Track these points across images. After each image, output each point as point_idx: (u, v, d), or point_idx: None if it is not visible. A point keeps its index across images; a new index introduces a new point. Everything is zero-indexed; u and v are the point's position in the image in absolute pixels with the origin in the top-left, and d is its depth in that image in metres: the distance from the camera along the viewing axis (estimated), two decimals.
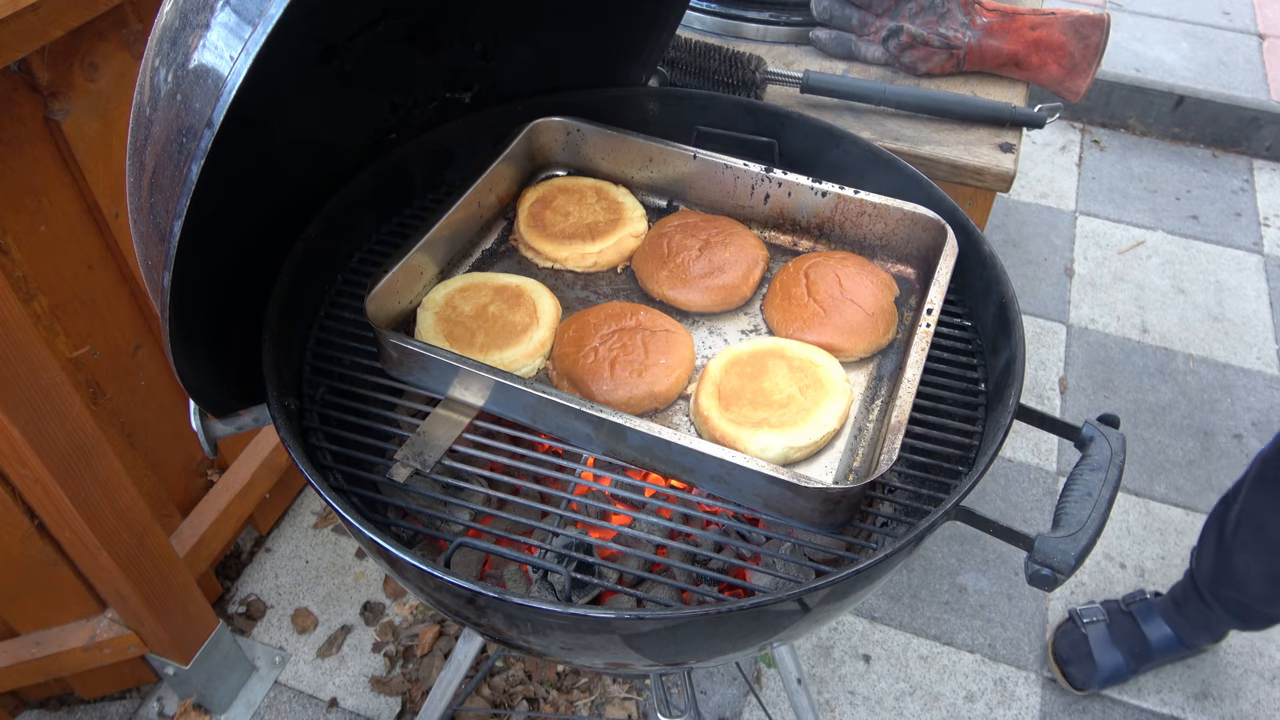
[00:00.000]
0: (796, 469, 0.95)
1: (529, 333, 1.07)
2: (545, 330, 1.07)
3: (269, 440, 2.02)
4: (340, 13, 1.00)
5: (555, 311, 1.10)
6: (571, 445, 0.97)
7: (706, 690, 1.98)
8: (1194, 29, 4.06)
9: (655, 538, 0.99)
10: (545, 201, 1.23)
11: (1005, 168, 1.43)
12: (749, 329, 1.15)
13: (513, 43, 1.24)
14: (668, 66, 1.54)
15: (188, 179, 0.70)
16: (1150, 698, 2.03)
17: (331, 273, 1.16)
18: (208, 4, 0.69)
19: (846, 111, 1.54)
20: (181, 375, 0.86)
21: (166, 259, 0.73)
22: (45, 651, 1.69)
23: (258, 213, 1.05)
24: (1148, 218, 3.33)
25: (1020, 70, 1.61)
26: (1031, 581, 0.83)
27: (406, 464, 0.95)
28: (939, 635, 2.12)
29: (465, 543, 0.89)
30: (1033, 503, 2.40)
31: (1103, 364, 2.78)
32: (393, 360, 1.02)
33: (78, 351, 1.51)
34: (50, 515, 1.46)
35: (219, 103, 0.68)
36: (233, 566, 2.17)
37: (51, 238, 1.41)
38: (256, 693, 1.96)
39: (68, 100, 1.35)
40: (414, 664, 2.00)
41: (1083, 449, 0.93)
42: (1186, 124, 3.68)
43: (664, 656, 0.94)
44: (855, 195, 1.17)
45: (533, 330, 1.07)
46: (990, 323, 1.08)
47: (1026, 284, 3.04)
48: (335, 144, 1.14)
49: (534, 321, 1.08)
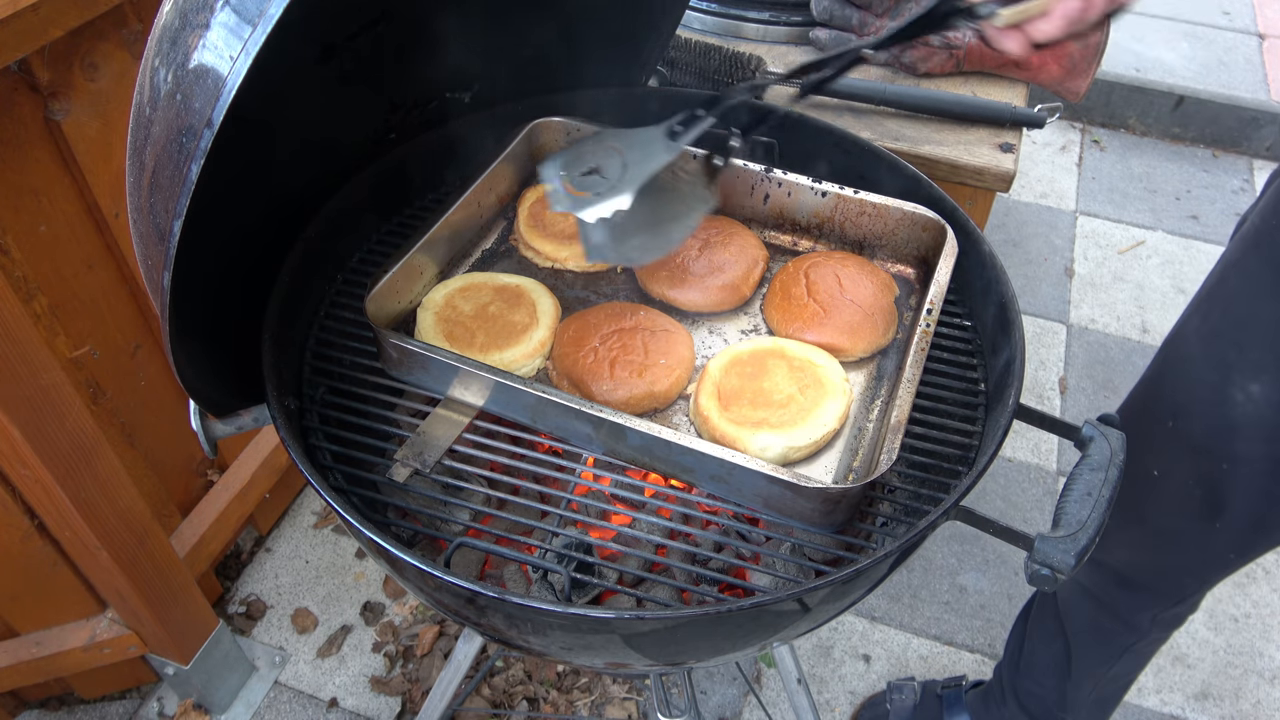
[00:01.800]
0: (796, 469, 0.95)
1: (529, 333, 1.07)
2: (545, 330, 1.07)
3: (269, 440, 2.02)
4: (340, 13, 1.00)
5: (555, 311, 1.10)
6: (571, 445, 0.97)
7: (706, 690, 1.98)
8: (1194, 29, 4.06)
9: (655, 538, 0.99)
10: (545, 201, 1.23)
11: (1005, 168, 1.43)
12: (749, 329, 1.15)
13: (513, 43, 1.24)
14: (668, 66, 1.54)
15: (188, 179, 0.70)
16: (1150, 698, 2.03)
17: (331, 273, 1.16)
18: (207, 4, 0.69)
19: (846, 111, 1.54)
20: (181, 375, 0.86)
21: (166, 259, 0.73)
22: (45, 651, 1.69)
23: (258, 212, 1.05)
24: (1148, 218, 3.33)
25: (1020, 70, 1.61)
26: (1031, 581, 0.83)
27: (406, 464, 0.95)
28: (939, 635, 2.12)
29: (465, 543, 0.89)
30: (1033, 503, 2.40)
31: (1103, 364, 2.78)
32: (393, 360, 1.02)
33: (78, 351, 1.51)
34: (50, 515, 1.46)
35: (219, 103, 0.68)
36: (233, 566, 2.18)
37: (51, 238, 1.41)
38: (256, 693, 1.96)
39: (68, 100, 1.35)
40: (414, 664, 2.00)
41: (1083, 449, 0.93)
42: (1186, 124, 3.68)
43: (664, 656, 0.94)
44: (855, 195, 1.17)
45: (533, 330, 1.07)
46: (990, 323, 1.08)
47: (1026, 284, 3.04)
48: (335, 144, 1.14)
49: (534, 321, 1.08)
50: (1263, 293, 1.11)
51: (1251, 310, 1.12)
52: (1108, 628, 1.48)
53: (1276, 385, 1.09)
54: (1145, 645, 1.50)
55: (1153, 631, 1.47)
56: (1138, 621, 1.45)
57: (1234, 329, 1.15)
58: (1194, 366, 1.21)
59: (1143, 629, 1.46)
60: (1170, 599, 1.41)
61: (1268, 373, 1.10)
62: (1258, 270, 1.12)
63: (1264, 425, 1.12)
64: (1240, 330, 1.14)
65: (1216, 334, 1.17)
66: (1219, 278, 1.21)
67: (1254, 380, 1.11)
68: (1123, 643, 1.49)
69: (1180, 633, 2.14)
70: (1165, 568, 1.37)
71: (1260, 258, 1.11)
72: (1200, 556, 1.32)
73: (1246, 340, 1.13)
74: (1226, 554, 1.29)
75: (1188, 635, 2.15)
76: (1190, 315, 1.25)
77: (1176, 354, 1.27)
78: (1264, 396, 1.11)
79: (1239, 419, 1.14)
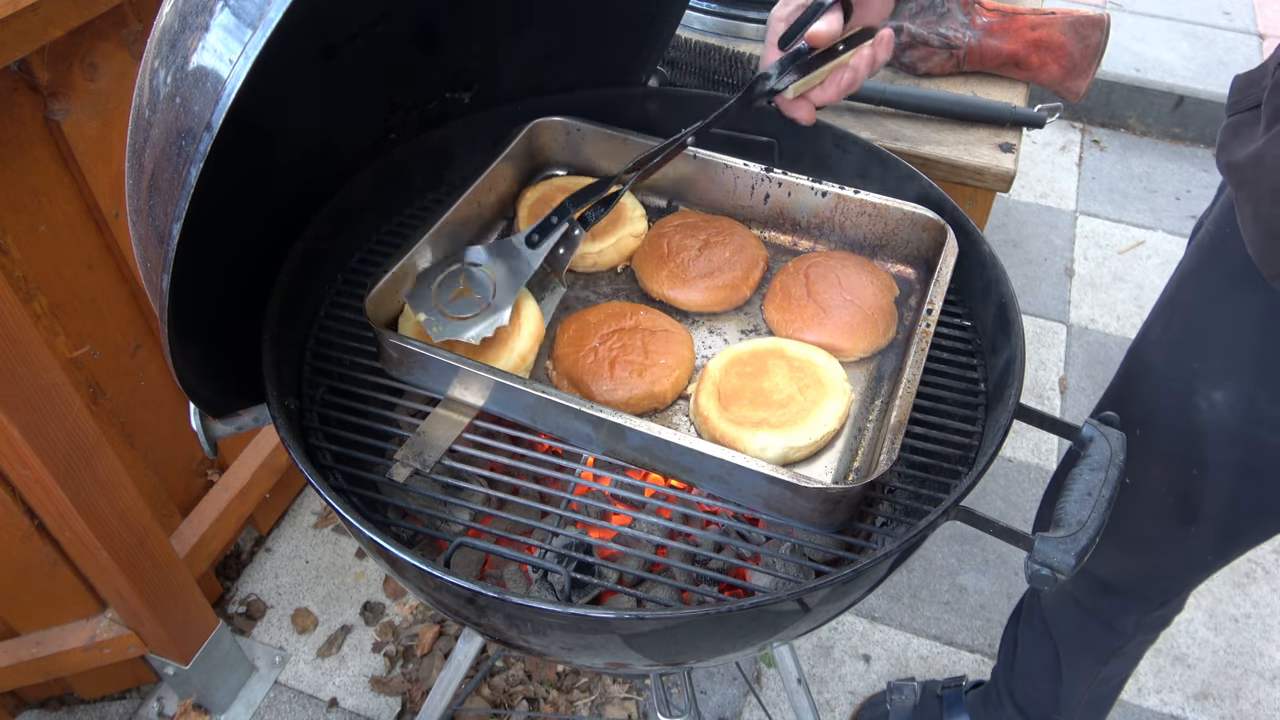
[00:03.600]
0: (796, 469, 0.95)
1: (509, 344, 1.05)
2: (527, 341, 1.06)
3: (269, 440, 2.02)
4: (340, 14, 1.00)
5: (538, 322, 1.09)
6: (571, 445, 0.97)
7: (706, 690, 1.98)
8: (1194, 29, 4.06)
9: (655, 538, 0.99)
10: (545, 201, 1.23)
11: (1005, 168, 1.43)
12: (749, 329, 1.15)
13: (513, 42, 1.24)
14: (668, 66, 1.54)
15: (187, 182, 0.69)
16: (1150, 697, 2.03)
17: (331, 273, 1.16)
18: (207, 6, 0.69)
19: (846, 111, 1.54)
20: (180, 377, 0.86)
21: (165, 262, 0.73)
22: (45, 651, 1.69)
23: (258, 213, 1.05)
24: (1148, 218, 3.33)
25: (1020, 70, 1.61)
26: (1031, 581, 0.83)
27: (406, 464, 0.95)
28: (939, 635, 2.12)
29: (465, 543, 0.89)
30: (1033, 503, 2.40)
31: (1103, 364, 2.78)
32: (393, 360, 1.02)
33: (78, 351, 1.51)
34: (50, 515, 1.46)
35: (218, 105, 0.67)
36: (233, 566, 2.18)
37: (51, 238, 1.41)
38: (256, 693, 1.96)
39: (68, 100, 1.35)
40: (414, 664, 2.00)
41: (1082, 449, 0.93)
42: (1186, 124, 3.68)
43: (664, 656, 0.94)
44: (855, 195, 1.17)
45: (513, 342, 1.06)
46: (990, 323, 1.08)
47: (1026, 284, 3.04)
48: (335, 144, 1.14)
49: (515, 332, 1.06)
50: (1220, 300, 1.10)
51: (1210, 318, 1.12)
52: (1093, 632, 1.48)
53: (1240, 392, 1.09)
54: (1132, 647, 1.50)
55: (1138, 634, 1.47)
56: (1122, 625, 1.45)
57: (1195, 338, 1.14)
58: (1157, 376, 1.21)
59: (1127, 632, 1.46)
60: (1153, 602, 1.41)
61: (1231, 379, 1.10)
62: (1214, 279, 1.11)
63: (1230, 432, 1.12)
64: (1201, 339, 1.13)
65: (1177, 344, 1.17)
66: (1177, 286, 1.20)
67: (1217, 388, 1.11)
68: (1109, 646, 1.49)
69: (1180, 633, 2.14)
70: (1146, 572, 1.38)
71: (1216, 267, 1.11)
72: (1179, 560, 1.32)
73: (1207, 349, 1.12)
74: (1204, 556, 1.30)
75: (1188, 635, 2.15)
76: (1151, 324, 1.24)
77: (1140, 364, 1.27)
78: (1228, 404, 1.10)
79: (1205, 426, 1.13)
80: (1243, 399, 1.09)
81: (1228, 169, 1.03)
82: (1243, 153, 0.99)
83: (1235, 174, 1.01)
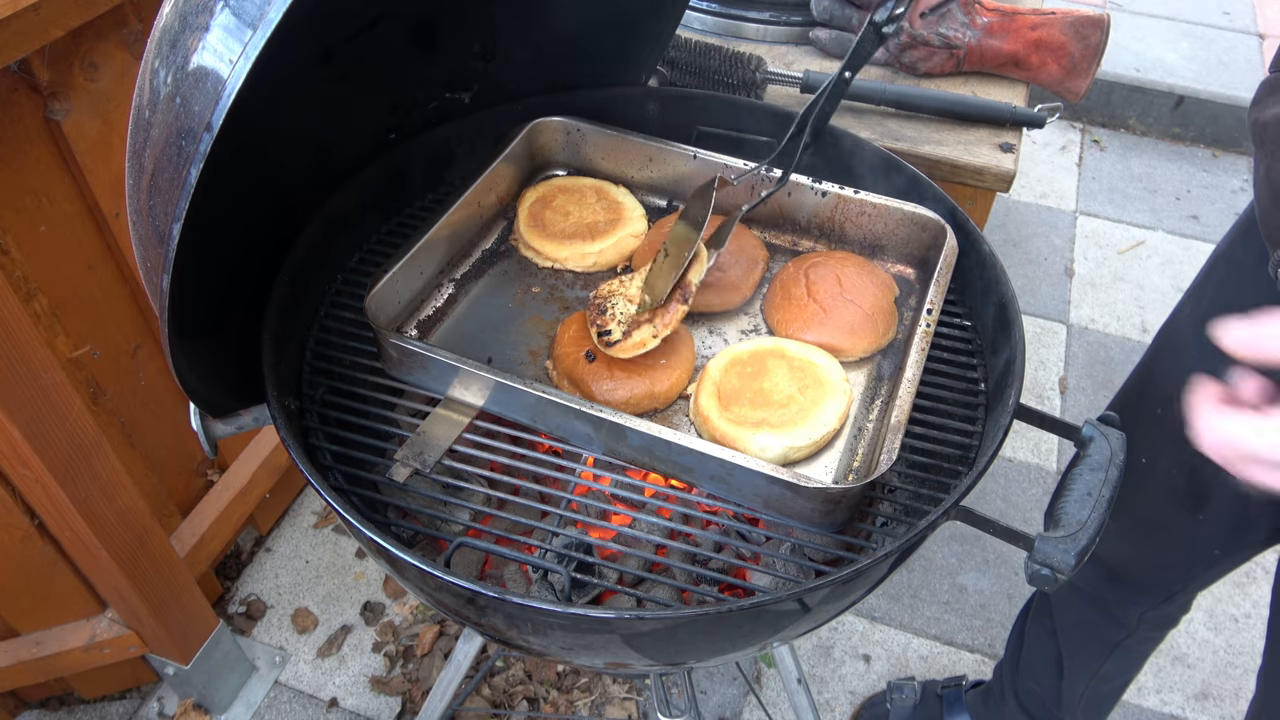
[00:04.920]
0: (796, 469, 0.95)
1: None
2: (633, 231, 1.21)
3: (269, 440, 2.02)
4: (340, 14, 1.00)
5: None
6: (571, 445, 0.97)
7: (706, 690, 1.98)
8: (1194, 29, 4.06)
9: (655, 538, 0.99)
10: (545, 201, 1.23)
11: (1005, 167, 1.43)
12: (749, 329, 1.15)
13: (512, 43, 1.24)
14: (668, 66, 1.54)
15: (187, 182, 0.69)
16: (1150, 698, 2.03)
17: (331, 273, 1.16)
18: (207, 6, 0.69)
19: (847, 111, 1.54)
20: (180, 377, 0.86)
21: (165, 262, 0.73)
22: (45, 651, 1.69)
23: (258, 213, 1.05)
24: (1148, 218, 3.33)
25: (1020, 70, 1.61)
26: (1031, 581, 0.83)
27: (406, 464, 0.95)
28: (939, 635, 2.12)
29: (465, 543, 0.89)
30: (1033, 503, 2.40)
31: (1103, 364, 2.78)
32: (393, 360, 1.02)
33: (78, 351, 1.51)
34: (50, 515, 1.46)
35: (218, 106, 0.67)
36: (233, 566, 2.18)
37: (51, 238, 1.41)
38: (256, 693, 1.96)
39: (68, 100, 1.35)
40: (414, 664, 2.00)
41: (1082, 449, 0.93)
42: (1186, 124, 3.68)
43: (664, 656, 0.94)
44: (855, 195, 1.17)
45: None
46: (990, 323, 1.08)
47: (1026, 284, 3.04)
48: (335, 144, 1.14)
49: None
50: (1246, 278, 1.11)
51: (1241, 296, 1.13)
52: (1095, 622, 1.48)
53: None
54: (1136, 644, 1.50)
55: (1141, 629, 1.47)
56: (1125, 617, 1.45)
57: (1225, 314, 1.15)
58: (1185, 354, 1.22)
59: (1130, 625, 1.46)
60: (1157, 595, 1.41)
61: None
62: (1243, 257, 1.13)
63: None
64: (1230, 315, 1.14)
65: (1206, 320, 1.18)
66: (1211, 265, 1.22)
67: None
68: (1111, 638, 1.49)
69: (1180, 633, 2.14)
70: (1151, 561, 1.38)
71: (1246, 244, 1.12)
72: (1185, 550, 1.33)
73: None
74: (1211, 549, 1.30)
75: (1188, 635, 2.15)
76: (1184, 303, 1.27)
77: (1169, 343, 1.29)
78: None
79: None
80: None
81: (1252, 126, 1.03)
82: (1269, 112, 0.99)
83: (1258, 132, 1.01)
